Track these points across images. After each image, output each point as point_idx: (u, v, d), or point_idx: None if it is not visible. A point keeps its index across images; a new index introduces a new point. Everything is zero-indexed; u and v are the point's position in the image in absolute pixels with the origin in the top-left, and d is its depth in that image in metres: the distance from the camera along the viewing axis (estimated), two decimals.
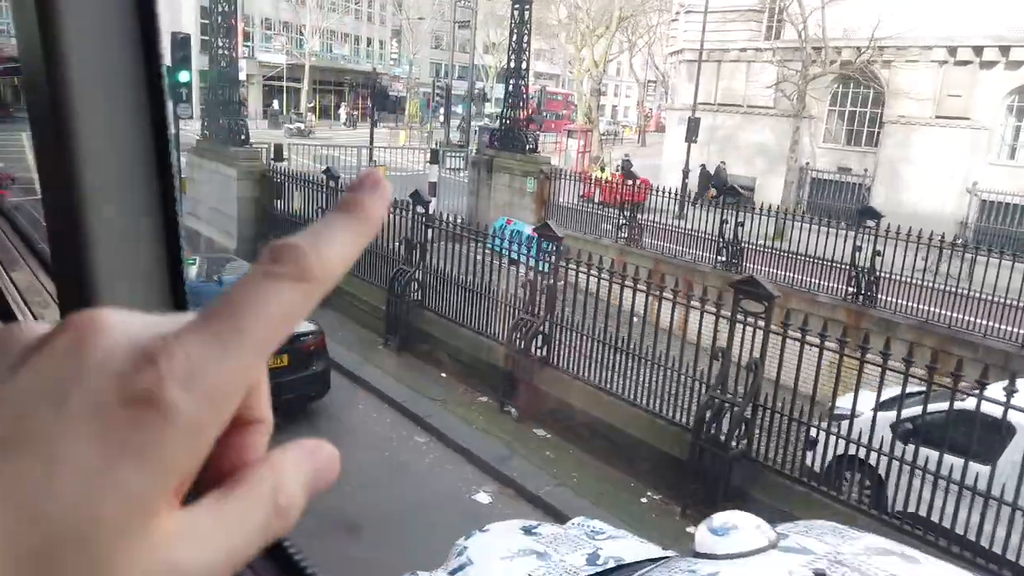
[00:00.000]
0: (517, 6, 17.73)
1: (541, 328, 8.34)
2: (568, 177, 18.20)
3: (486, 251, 10.71)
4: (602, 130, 42.55)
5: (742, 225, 13.49)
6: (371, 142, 21.88)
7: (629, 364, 7.67)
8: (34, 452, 0.25)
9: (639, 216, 15.68)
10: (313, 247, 0.29)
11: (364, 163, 18.97)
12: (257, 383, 0.32)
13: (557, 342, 8.40)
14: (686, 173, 25.38)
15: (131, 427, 0.26)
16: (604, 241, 15.95)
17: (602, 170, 28.78)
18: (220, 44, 13.86)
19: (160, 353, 0.27)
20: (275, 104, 54.15)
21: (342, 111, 58.42)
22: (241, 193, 13.33)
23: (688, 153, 25.54)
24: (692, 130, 25.18)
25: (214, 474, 0.30)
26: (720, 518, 3.42)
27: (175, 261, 0.61)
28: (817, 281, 12.75)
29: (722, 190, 23.94)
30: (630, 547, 4.04)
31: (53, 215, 0.60)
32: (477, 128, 32.92)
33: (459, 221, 11.48)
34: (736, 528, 3.32)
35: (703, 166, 28.65)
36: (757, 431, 6.82)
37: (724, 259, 13.73)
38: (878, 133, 24.78)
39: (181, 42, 14.69)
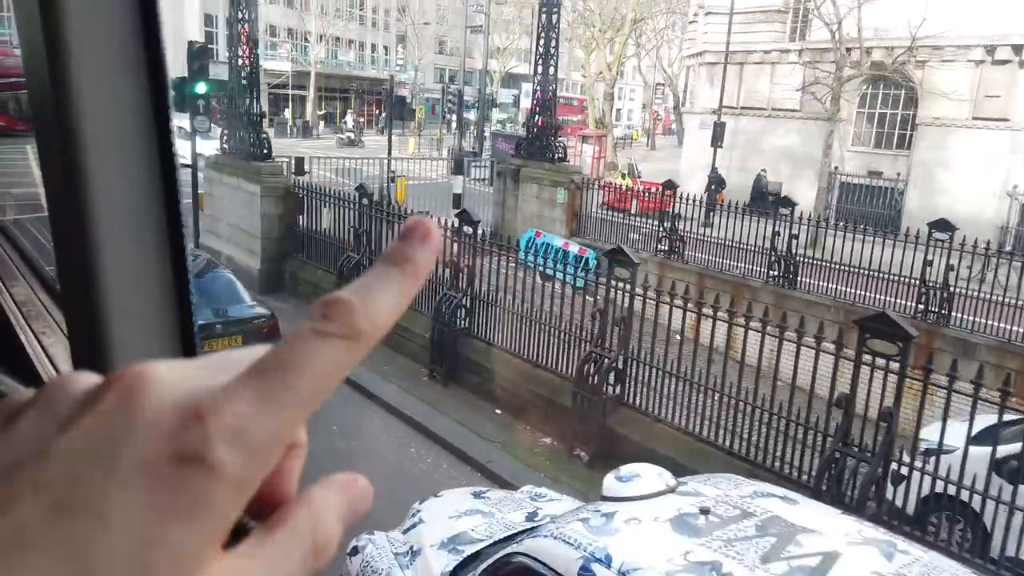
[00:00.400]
0: (545, 9, 16.99)
1: (614, 363, 7.55)
2: (590, 185, 17.43)
3: (514, 264, 10.07)
4: (616, 135, 41.84)
5: (796, 237, 12.71)
6: (389, 152, 21.11)
7: (727, 409, 6.87)
8: (87, 513, 0.25)
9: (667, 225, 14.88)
10: (363, 303, 0.30)
11: (386, 174, 18.21)
12: None
13: (634, 379, 7.62)
14: (711, 179, 24.61)
15: (180, 486, 0.26)
16: (642, 254, 15.15)
17: (623, 176, 28.03)
18: (240, 53, 13.12)
19: (208, 411, 0.27)
20: (286, 112, 53.52)
21: (348, 118, 57.71)
22: (265, 210, 12.57)
23: (714, 158, 24.76)
24: (718, 135, 24.41)
25: (251, 499, 0.30)
26: (626, 468, 3.89)
27: (181, 273, 0.61)
28: (881, 297, 11.96)
29: (762, 198, 23.23)
30: (567, 507, 4.33)
31: (59, 229, 0.61)
32: (489, 134, 32.22)
33: (495, 236, 10.78)
34: (639, 476, 3.78)
35: (715, 169, 27.90)
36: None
37: (777, 273, 12.94)
38: (911, 135, 24.02)
39: (198, 52, 13.97)
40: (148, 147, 0.58)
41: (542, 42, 17.15)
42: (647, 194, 18.42)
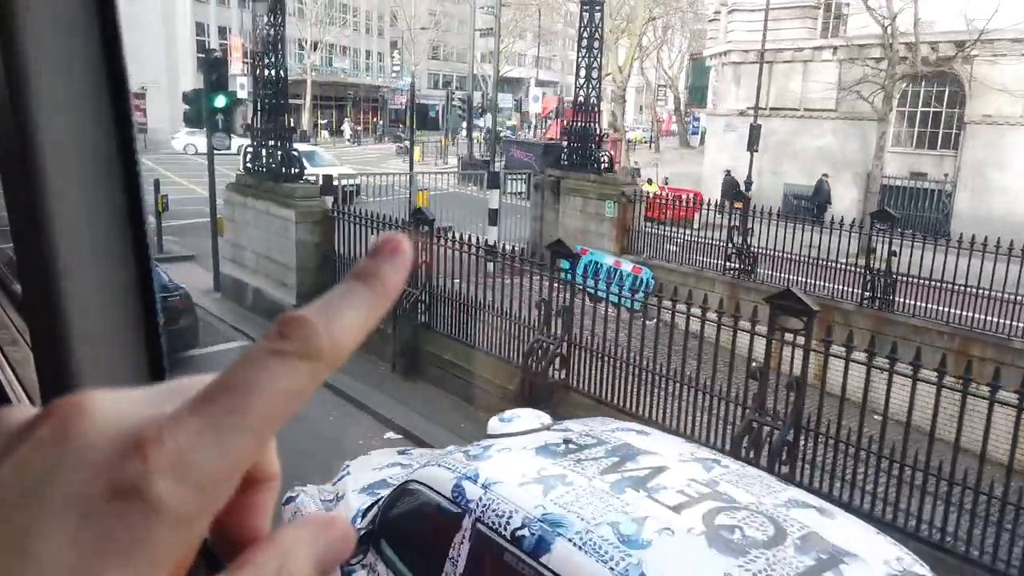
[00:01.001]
0: (587, 6, 15.64)
1: (787, 436, 6.16)
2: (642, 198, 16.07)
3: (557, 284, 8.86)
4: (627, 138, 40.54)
5: (895, 254, 11.36)
6: (411, 164, 19.68)
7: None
8: (14, 552, 0.24)
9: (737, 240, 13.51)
10: (324, 322, 0.28)
11: (411, 189, 16.78)
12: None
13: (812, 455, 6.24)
14: (748, 184, 23.31)
15: (115, 523, 0.24)
16: (708, 274, 13.83)
17: (649, 182, 26.70)
18: (266, 61, 11.70)
19: (149, 442, 0.25)
20: (304, 123, 52.00)
21: (346, 127, 56.26)
22: (300, 238, 11.14)
23: (751, 163, 23.47)
24: (754, 138, 23.12)
25: (219, 535, 0.29)
26: (509, 412, 4.73)
27: (145, 282, 0.62)
28: (997, 320, 10.64)
29: (821, 207, 21.93)
30: None
31: (21, 241, 0.61)
32: (503, 141, 30.81)
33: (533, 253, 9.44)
34: (519, 417, 4.63)
35: (728, 172, 26.65)
36: None
37: (873, 294, 11.59)
38: (958, 134, 22.81)
39: (214, 63, 12.57)
40: (110, 158, 0.58)
41: (584, 42, 15.80)
42: (679, 202, 17.11)
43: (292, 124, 12.09)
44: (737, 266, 13.32)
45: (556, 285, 8.44)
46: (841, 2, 24.93)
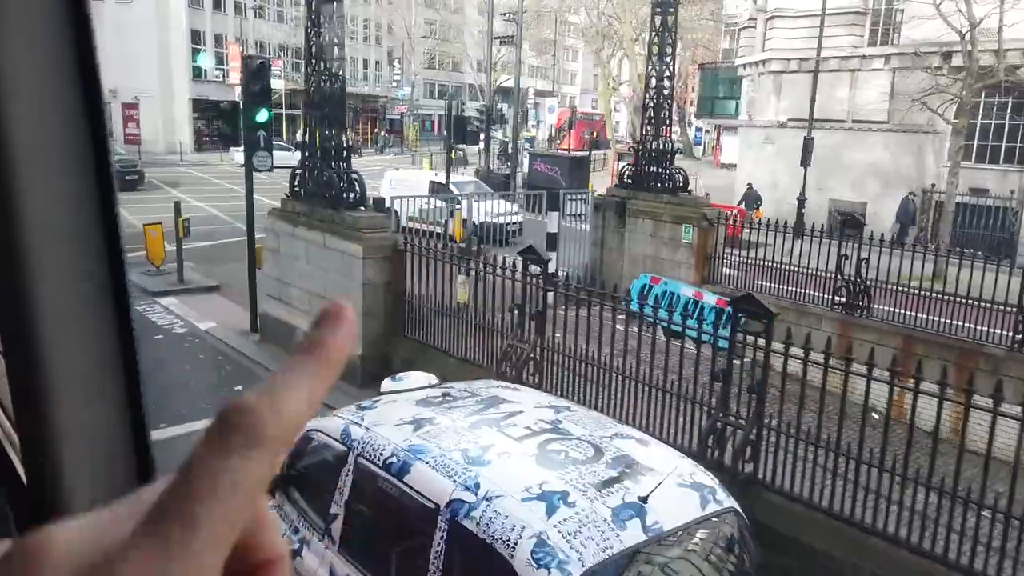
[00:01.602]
0: (659, 9, 14.12)
1: None
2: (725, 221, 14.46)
3: (622, 317, 7.75)
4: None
5: None
6: (447, 179, 18.03)
7: None
8: None
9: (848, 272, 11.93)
10: (269, 404, 0.28)
11: (449, 209, 15.12)
12: (262, 518, 0.30)
13: None
14: (802, 201, 21.83)
15: None
16: (812, 308, 12.24)
17: None
18: (322, 69, 10.04)
19: None
20: (298, 135, 50.17)
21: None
22: (368, 277, 9.45)
23: (804, 179, 21.98)
24: (807, 151, 21.65)
25: None
26: (401, 373, 6.07)
27: (121, 290, 0.60)
28: None
29: (905, 228, 20.46)
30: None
31: None
32: (528, 155, 29.22)
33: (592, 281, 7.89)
34: (409, 376, 5.78)
35: (749, 185, 25.25)
36: None
37: None
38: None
39: (258, 70, 10.86)
40: (82, 158, 0.57)
41: (655, 48, 14.25)
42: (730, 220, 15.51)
43: (350, 142, 10.41)
44: (848, 300, 11.74)
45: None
46: (893, 8, 23.58)
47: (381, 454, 3.91)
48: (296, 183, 10.73)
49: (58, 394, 0.62)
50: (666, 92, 14.30)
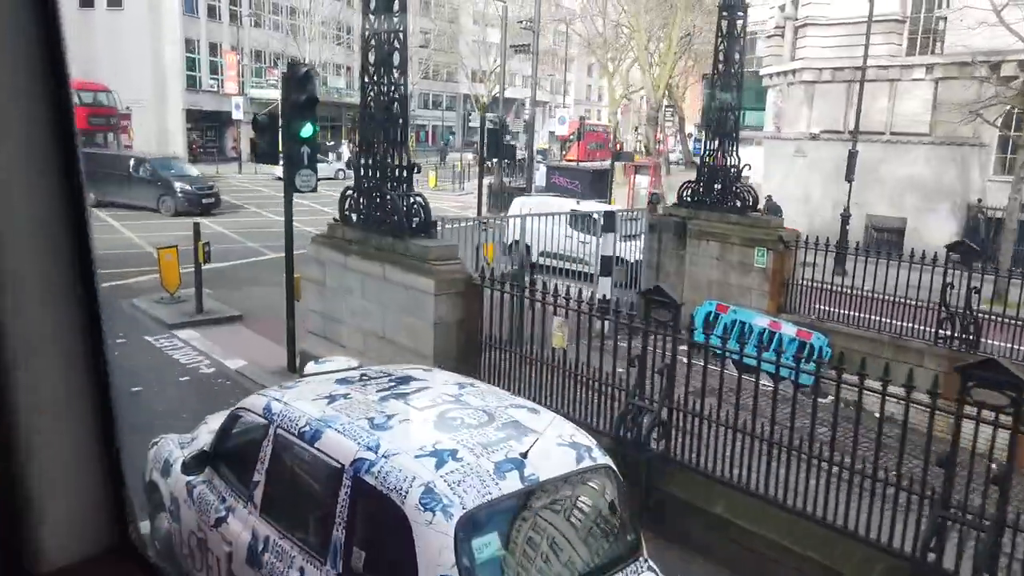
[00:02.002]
0: (726, 14, 12.97)
1: None
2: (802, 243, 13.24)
3: (684, 348, 6.92)
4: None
5: None
6: (479, 197, 16.74)
7: None
8: None
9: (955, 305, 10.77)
10: None
11: (482, 232, 13.83)
12: None
13: None
14: (846, 218, 20.75)
15: None
16: (912, 343, 11.06)
17: None
18: (379, 79, 8.79)
19: None
20: (343, 150, 48.78)
21: (344, 149, 53.09)
22: (441, 315, 8.16)
23: (849, 195, 20.89)
24: (851, 165, 20.59)
25: None
26: (324, 358, 6.38)
27: (90, 290, 0.61)
28: None
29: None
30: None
31: None
32: (545, 167, 28.00)
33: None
34: (331, 361, 6.06)
35: (769, 197, 24.21)
36: None
37: None
38: None
39: (303, 78, 9.57)
40: (51, 164, 0.56)
41: (721, 55, 13.10)
42: None
43: (411, 161, 9.13)
44: (956, 334, 10.57)
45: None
46: (934, 16, 22.63)
47: (297, 424, 4.29)
48: (347, 207, 9.45)
49: (26, 402, 0.62)
50: (732, 103, 13.13)
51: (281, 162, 10.21)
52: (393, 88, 8.88)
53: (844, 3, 23.89)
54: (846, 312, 11.89)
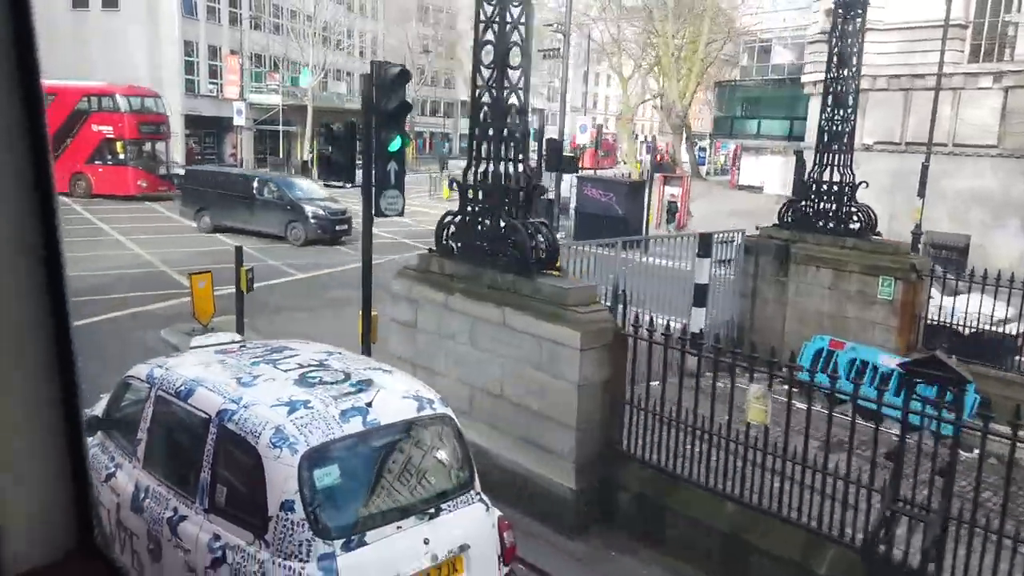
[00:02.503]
0: (842, 12, 11.50)
1: None
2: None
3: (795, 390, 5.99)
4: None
5: None
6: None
7: None
8: None
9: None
10: None
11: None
12: None
13: None
14: (918, 235, 19.33)
15: None
16: None
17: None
18: (495, 80, 7.21)
19: None
20: (306, 153, 46.97)
21: None
22: (586, 375, 6.55)
23: (922, 212, 19.48)
24: (924, 179, 19.19)
25: None
26: (210, 333, 7.06)
27: (58, 289, 0.61)
28: None
29: None
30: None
31: None
32: (575, 179, 26.40)
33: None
34: (216, 335, 6.92)
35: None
36: None
37: None
38: None
39: (397, 79, 7.95)
40: (20, 162, 0.55)
41: (835, 59, 11.62)
42: None
43: (534, 180, 7.52)
44: None
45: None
46: (1000, 21, 21.34)
47: (174, 385, 4.84)
48: (448, 235, 7.82)
49: None
50: (848, 110, 11.65)
51: (358, 180, 8.58)
52: (511, 92, 7.29)
53: (901, 7, 22.59)
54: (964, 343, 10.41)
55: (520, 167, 7.42)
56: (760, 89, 45.54)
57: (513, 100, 7.32)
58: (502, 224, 7.27)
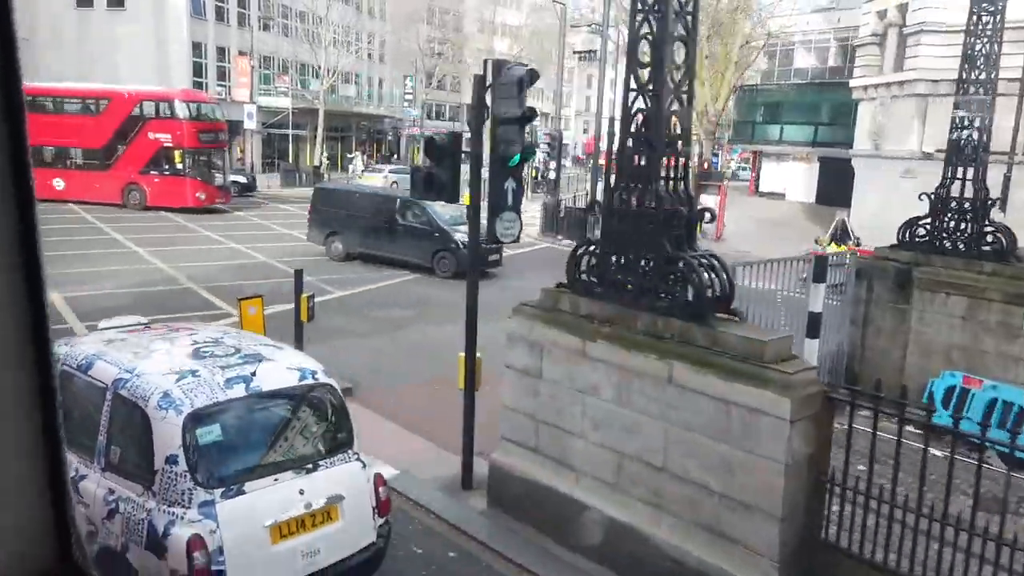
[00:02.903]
0: (976, 9, 10.20)
1: None
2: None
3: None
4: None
5: None
6: (550, 219, 13.72)
7: None
8: None
9: None
10: None
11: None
12: None
13: None
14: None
15: None
16: None
17: (834, 242, 21.24)
18: (654, 84, 5.87)
19: None
20: (317, 158, 45.58)
21: (358, 160, 49.93)
22: (794, 451, 5.20)
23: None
24: (1005, 192, 17.92)
25: None
26: (117, 317, 6.67)
27: (37, 296, 0.59)
28: None
29: None
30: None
31: None
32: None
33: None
34: (122, 318, 6.54)
35: (842, 216, 21.65)
36: None
37: None
38: None
39: (519, 83, 6.61)
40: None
41: (969, 59, 10.32)
42: None
43: (695, 204, 6.20)
44: None
45: None
46: None
47: (76, 360, 5.23)
48: (585, 267, 6.47)
49: None
50: (987, 117, 10.35)
51: (464, 199, 7.24)
52: (672, 96, 5.94)
53: (965, 8, 21.29)
54: None
55: (683, 186, 6.07)
56: (782, 93, 44.34)
57: (675, 107, 5.97)
58: (666, 258, 5.92)
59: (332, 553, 4.99)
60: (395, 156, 57.57)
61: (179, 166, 27.16)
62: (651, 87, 5.98)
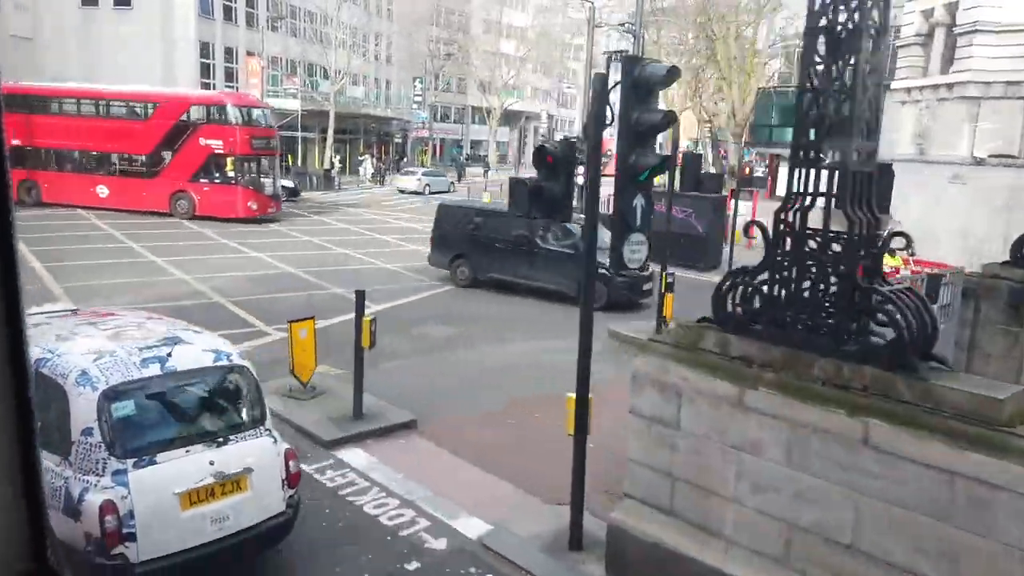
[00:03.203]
0: None
1: None
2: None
3: None
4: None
5: None
6: (732, 240, 12.78)
7: None
8: None
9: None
10: None
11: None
12: None
13: None
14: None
15: None
16: None
17: (892, 254, 20.18)
18: (837, 73, 4.87)
19: None
20: (327, 161, 44.49)
21: (367, 163, 48.86)
22: None
23: None
24: None
25: None
26: (47, 304, 7.33)
27: (11, 289, 0.58)
28: None
29: None
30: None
31: None
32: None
33: None
34: (52, 305, 7.40)
35: (895, 229, 20.54)
36: None
37: None
38: None
39: (650, 84, 5.62)
40: None
41: None
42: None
43: (882, 225, 5.21)
44: None
45: None
46: None
47: None
48: (738, 300, 5.46)
49: None
50: None
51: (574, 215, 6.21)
52: (861, 97, 4.94)
53: (1021, 7, 20.39)
54: None
55: (870, 205, 5.07)
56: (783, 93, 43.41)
57: (865, 111, 4.96)
58: (855, 289, 4.91)
59: (241, 520, 5.38)
60: (403, 159, 56.38)
61: (231, 174, 25.77)
62: (836, 86, 4.97)
